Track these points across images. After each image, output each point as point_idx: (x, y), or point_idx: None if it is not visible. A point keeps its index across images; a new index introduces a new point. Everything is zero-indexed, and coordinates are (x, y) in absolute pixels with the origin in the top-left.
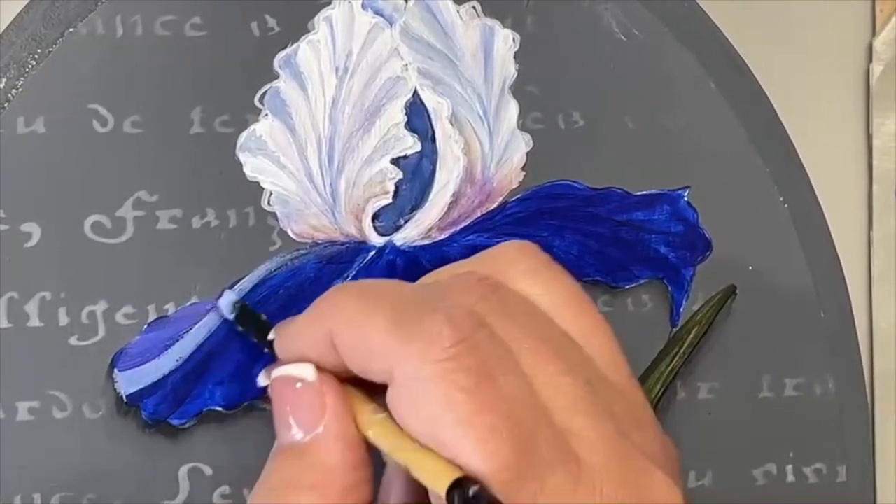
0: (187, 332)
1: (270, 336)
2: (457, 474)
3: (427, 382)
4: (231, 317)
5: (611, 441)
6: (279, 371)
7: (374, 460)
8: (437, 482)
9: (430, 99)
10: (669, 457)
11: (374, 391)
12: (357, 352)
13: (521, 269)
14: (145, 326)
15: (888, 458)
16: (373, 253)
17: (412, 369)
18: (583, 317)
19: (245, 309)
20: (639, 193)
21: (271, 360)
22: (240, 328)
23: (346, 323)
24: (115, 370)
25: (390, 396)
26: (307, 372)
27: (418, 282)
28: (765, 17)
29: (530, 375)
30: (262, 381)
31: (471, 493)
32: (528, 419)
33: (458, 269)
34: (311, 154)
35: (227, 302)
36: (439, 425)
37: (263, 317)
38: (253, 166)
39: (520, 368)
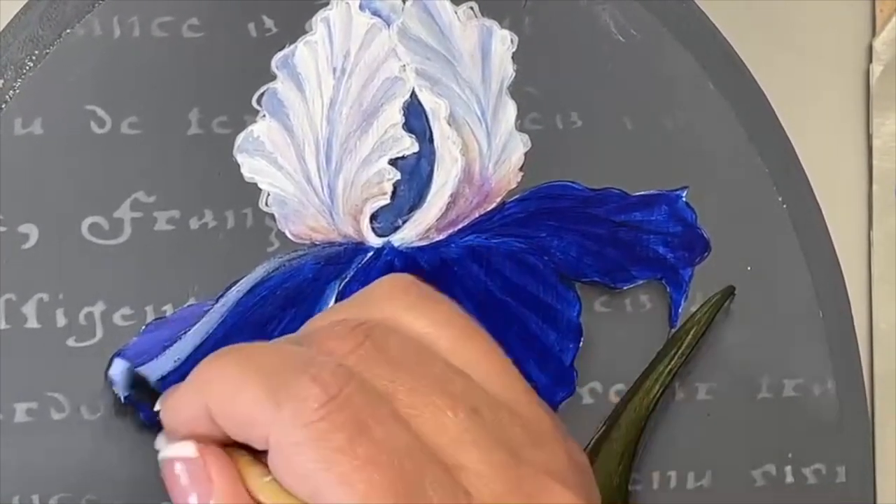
0: (185, 333)
1: (156, 407)
2: None
3: (301, 447)
4: (125, 393)
5: (503, 468)
6: (162, 454)
7: None
8: None
9: (427, 99)
10: (576, 468)
11: (264, 454)
12: (234, 424)
13: (401, 304)
14: (143, 328)
15: (888, 459)
16: (371, 254)
17: (286, 436)
18: (467, 342)
19: (137, 377)
20: (637, 194)
21: None
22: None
23: (219, 396)
24: (114, 370)
25: (271, 464)
26: (188, 450)
27: (296, 333)
28: (764, 17)
29: (410, 417)
30: (158, 444)
31: None
32: (411, 465)
33: (335, 316)
34: (309, 155)
35: (118, 370)
36: (321, 488)
37: (153, 383)
38: (251, 167)
39: (397, 413)
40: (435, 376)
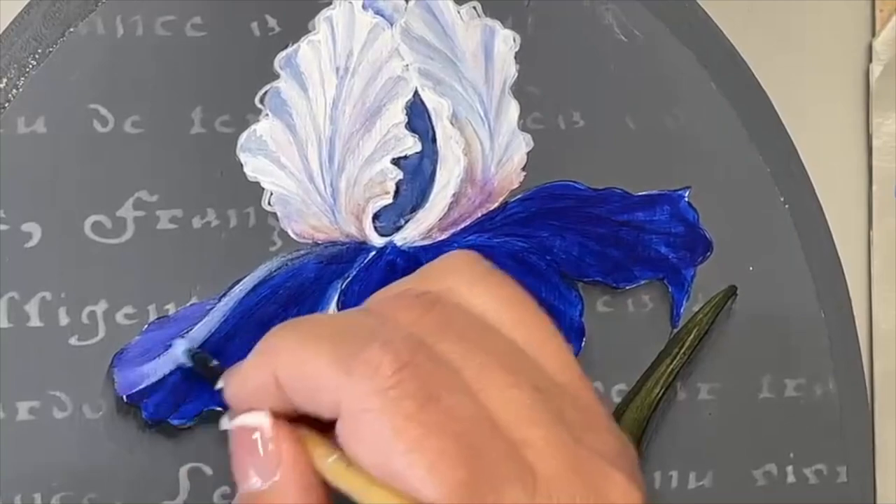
0: (188, 332)
1: (219, 385)
2: None
3: (373, 413)
4: (187, 364)
5: (564, 447)
6: (235, 422)
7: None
8: None
9: (430, 99)
10: (627, 456)
11: (328, 427)
12: (303, 392)
13: (464, 279)
14: (146, 326)
15: (888, 459)
16: (373, 253)
17: (357, 402)
18: (528, 322)
19: (198, 356)
20: (639, 194)
21: None
22: (194, 372)
23: (288, 365)
24: (115, 370)
25: (339, 431)
26: (262, 421)
27: (360, 306)
28: (764, 17)
29: (477, 390)
30: (223, 425)
31: None
32: (478, 436)
33: (398, 288)
34: (312, 154)
35: (179, 350)
36: (389, 455)
37: (215, 362)
38: (253, 166)
39: (465, 385)
40: (499, 352)
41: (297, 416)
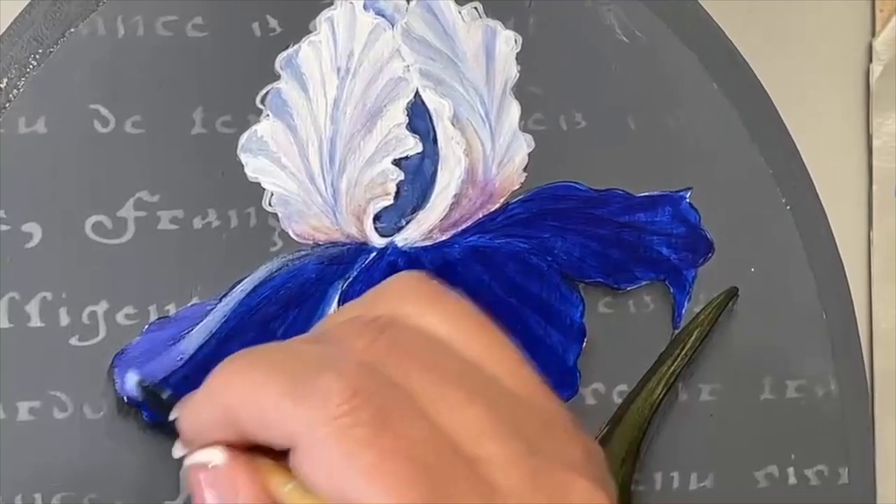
0: (188, 332)
1: (172, 416)
2: None
3: (326, 442)
4: (139, 398)
5: (522, 460)
6: (189, 459)
7: None
8: None
9: (431, 100)
10: (592, 460)
11: (283, 454)
12: (255, 424)
13: (412, 300)
14: (146, 327)
15: (888, 459)
16: (374, 254)
17: (310, 432)
18: (480, 337)
19: (148, 389)
20: (641, 195)
21: None
22: (146, 406)
23: (239, 396)
24: (116, 370)
25: (294, 461)
26: (215, 456)
27: (309, 333)
28: (764, 17)
29: (431, 411)
30: (176, 452)
31: None
32: (434, 457)
33: (348, 314)
34: (313, 155)
35: (131, 383)
36: (345, 482)
37: (166, 394)
38: (254, 167)
39: (419, 407)
40: (451, 371)
41: (252, 445)
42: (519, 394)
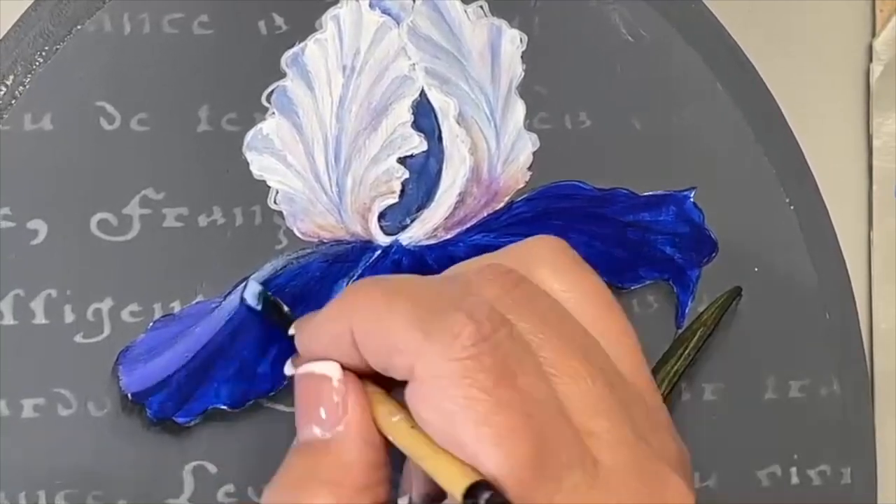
0: (193, 330)
1: (291, 331)
2: (472, 479)
3: (446, 380)
4: (257, 307)
5: (628, 443)
6: (304, 368)
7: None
8: (454, 486)
9: (436, 98)
10: (684, 461)
11: (394, 388)
12: (378, 349)
13: (548, 265)
14: (151, 324)
15: (888, 458)
16: (378, 252)
17: (432, 367)
18: (607, 317)
19: (269, 299)
20: (645, 194)
21: (278, 356)
22: (264, 317)
23: (367, 320)
24: (121, 368)
25: (409, 393)
26: (332, 371)
27: (442, 274)
28: (765, 17)
29: (550, 375)
30: (288, 370)
31: (482, 501)
32: (547, 419)
33: (484, 261)
34: (318, 153)
35: (252, 292)
36: (457, 424)
37: (286, 309)
38: (259, 165)
39: (540, 368)
40: (577, 341)
41: (365, 372)
42: (631, 381)
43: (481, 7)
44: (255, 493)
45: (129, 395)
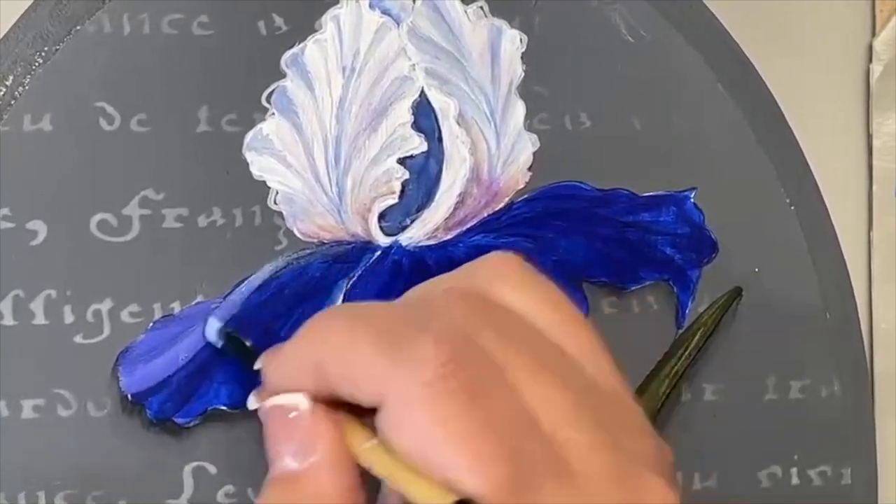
0: (193, 330)
1: (257, 365)
2: (451, 498)
3: (417, 405)
4: (218, 344)
5: (603, 450)
6: (271, 400)
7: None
8: None
9: (436, 99)
10: (664, 460)
11: (364, 413)
12: (345, 379)
13: (506, 280)
14: (151, 325)
15: (888, 458)
16: (378, 253)
17: (402, 393)
18: (570, 326)
19: (231, 337)
20: (645, 195)
21: None
22: (227, 353)
23: (333, 351)
24: (120, 368)
25: (381, 420)
26: (300, 402)
27: (402, 298)
28: (764, 17)
29: (520, 389)
30: (252, 403)
31: None
32: (520, 435)
33: (442, 284)
34: (318, 153)
35: (212, 329)
36: (431, 447)
37: (249, 343)
38: (259, 165)
39: (509, 384)
40: (543, 354)
41: (335, 400)
42: (602, 386)
43: (481, 7)
44: (254, 493)
45: (129, 395)
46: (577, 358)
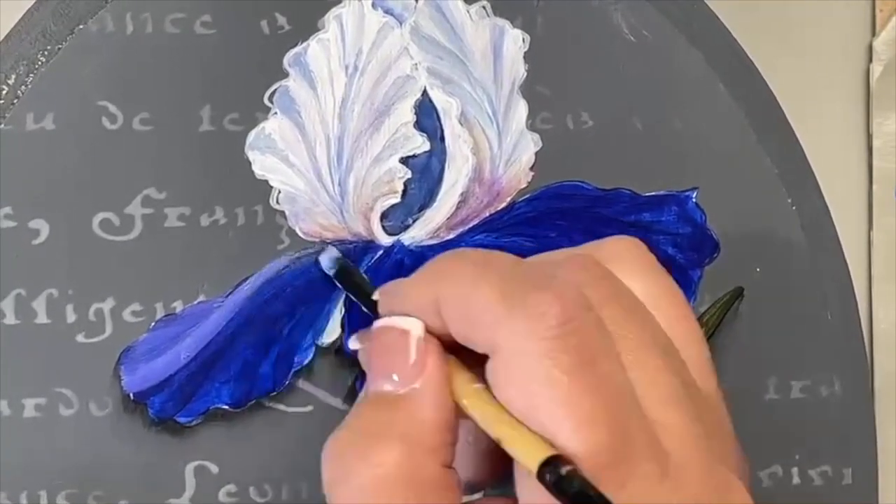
0: (195, 330)
1: (375, 296)
2: (551, 452)
3: (530, 358)
4: (331, 272)
5: (699, 442)
6: (385, 321)
7: None
8: (530, 458)
9: (439, 98)
10: (745, 472)
11: (473, 363)
12: (462, 320)
13: (628, 264)
14: (153, 324)
15: (889, 458)
16: (381, 252)
17: (516, 343)
18: (682, 323)
19: (345, 266)
20: (647, 194)
21: (279, 356)
22: (336, 284)
23: (454, 290)
24: (122, 367)
25: (491, 368)
26: (415, 326)
27: (529, 259)
28: (765, 17)
29: (629, 365)
30: (352, 344)
31: (563, 472)
32: (625, 407)
33: (570, 251)
34: (320, 153)
35: (328, 256)
36: (538, 403)
37: (363, 275)
38: (262, 164)
39: (620, 357)
40: (657, 339)
41: (446, 342)
42: (702, 388)
43: (484, 7)
44: (256, 492)
45: (131, 394)
46: (683, 354)
